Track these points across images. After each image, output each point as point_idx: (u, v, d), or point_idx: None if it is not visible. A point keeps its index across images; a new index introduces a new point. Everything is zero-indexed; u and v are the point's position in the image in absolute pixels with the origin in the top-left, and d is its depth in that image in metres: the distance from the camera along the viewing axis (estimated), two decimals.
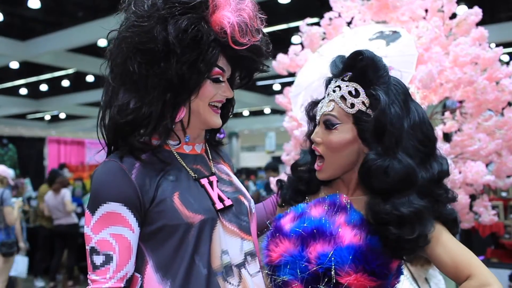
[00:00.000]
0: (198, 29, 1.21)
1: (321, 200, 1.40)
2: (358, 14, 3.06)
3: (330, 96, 1.38)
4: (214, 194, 1.32)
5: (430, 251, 1.30)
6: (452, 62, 2.68)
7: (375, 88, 1.31)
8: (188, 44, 1.21)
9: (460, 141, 2.72)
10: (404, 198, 1.24)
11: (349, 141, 1.34)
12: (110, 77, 1.29)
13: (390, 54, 2.66)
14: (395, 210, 1.22)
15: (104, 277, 1.18)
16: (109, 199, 1.19)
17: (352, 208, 1.35)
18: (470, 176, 2.60)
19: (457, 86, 2.67)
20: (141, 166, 1.24)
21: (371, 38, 2.81)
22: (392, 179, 1.24)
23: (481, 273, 1.24)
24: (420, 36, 2.71)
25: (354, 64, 1.35)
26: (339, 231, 1.29)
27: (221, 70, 1.31)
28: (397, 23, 2.90)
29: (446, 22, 2.84)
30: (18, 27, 10.22)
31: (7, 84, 14.17)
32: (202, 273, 1.22)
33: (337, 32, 3.14)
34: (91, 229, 1.20)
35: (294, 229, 1.34)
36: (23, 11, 9.39)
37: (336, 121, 1.34)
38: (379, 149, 1.28)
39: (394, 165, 1.25)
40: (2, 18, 9.26)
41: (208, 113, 1.32)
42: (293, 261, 1.30)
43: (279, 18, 9.05)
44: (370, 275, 1.23)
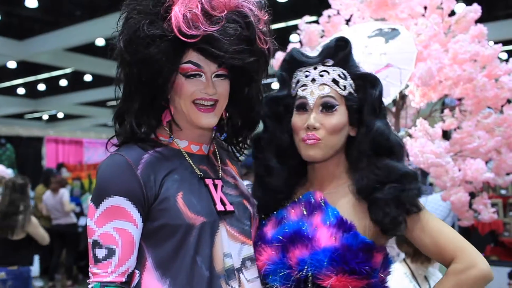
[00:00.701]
0: (151, 27, 1.21)
1: (298, 202, 1.41)
2: (357, 12, 3.06)
3: (318, 80, 1.38)
4: (217, 197, 1.31)
5: (412, 233, 1.32)
6: (451, 60, 2.67)
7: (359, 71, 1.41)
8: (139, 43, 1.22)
9: (459, 139, 2.72)
10: (402, 162, 1.37)
11: (345, 123, 1.38)
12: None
13: (389, 51, 2.67)
14: (404, 168, 1.34)
15: (106, 271, 1.18)
16: (114, 193, 1.19)
17: (327, 205, 1.35)
18: (469, 174, 2.59)
19: (456, 84, 2.66)
20: (148, 162, 1.24)
21: (370, 35, 2.81)
22: (396, 144, 1.37)
23: (465, 253, 1.25)
24: (419, 33, 2.70)
25: (336, 51, 1.40)
26: (315, 233, 1.29)
27: (195, 65, 1.26)
28: (396, 21, 2.89)
29: (445, 20, 2.83)
30: (16, 26, 10.17)
31: (4, 83, 14.12)
32: (204, 275, 1.22)
33: (335, 29, 3.13)
34: (95, 222, 1.20)
35: (275, 236, 1.35)
36: (20, 10, 9.34)
37: (335, 102, 1.37)
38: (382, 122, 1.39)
39: (393, 136, 1.39)
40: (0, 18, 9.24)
41: (192, 112, 1.28)
42: (275, 269, 1.31)
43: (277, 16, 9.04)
44: (351, 274, 1.23)
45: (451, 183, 2.57)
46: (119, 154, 1.24)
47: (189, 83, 1.27)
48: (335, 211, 1.33)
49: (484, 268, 1.22)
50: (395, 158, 1.36)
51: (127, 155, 1.23)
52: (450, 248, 1.26)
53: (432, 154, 2.46)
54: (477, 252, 1.26)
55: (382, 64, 2.63)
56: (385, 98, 2.58)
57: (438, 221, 1.32)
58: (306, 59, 1.42)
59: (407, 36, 2.69)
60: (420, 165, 2.51)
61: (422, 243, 1.31)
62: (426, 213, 1.33)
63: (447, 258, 1.27)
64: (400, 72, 2.58)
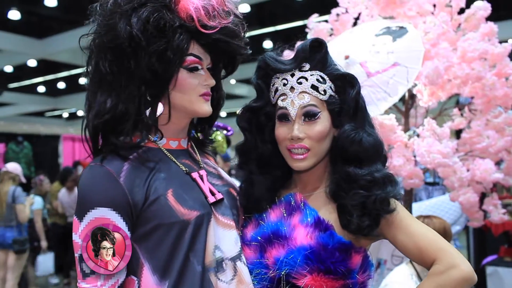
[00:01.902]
0: (161, 17, 1.19)
1: (278, 203, 1.40)
2: (365, 10, 3.03)
3: (297, 89, 1.34)
4: (206, 188, 1.30)
5: (393, 236, 1.30)
6: (460, 58, 2.62)
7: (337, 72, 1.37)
8: (152, 33, 1.19)
9: (468, 138, 2.68)
10: (373, 166, 1.32)
11: (329, 128, 1.36)
12: (88, 82, 1.29)
13: (396, 49, 2.63)
14: (368, 174, 1.29)
15: (95, 284, 1.14)
16: (97, 204, 1.15)
17: (306, 206, 1.34)
18: (478, 174, 2.55)
19: (465, 82, 2.62)
20: (130, 168, 1.21)
21: (377, 33, 2.78)
22: (365, 149, 1.32)
23: (446, 255, 1.22)
24: (427, 31, 2.66)
25: (312, 54, 1.36)
26: (292, 232, 1.28)
27: (197, 58, 1.27)
28: (404, 19, 2.85)
29: (454, 17, 2.79)
30: (36, 25, 10.33)
31: (25, 82, 14.35)
32: (196, 270, 1.20)
33: (344, 28, 3.11)
34: (79, 236, 1.16)
35: (253, 237, 1.34)
36: (40, 9, 9.48)
37: (317, 110, 1.34)
38: (352, 124, 1.34)
39: (367, 137, 1.33)
40: (20, 17, 9.38)
41: (197, 103, 1.29)
42: (253, 269, 1.30)
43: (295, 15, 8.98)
44: (326, 273, 1.22)
45: (459, 184, 2.53)
46: (99, 164, 1.20)
47: (191, 76, 1.27)
48: (313, 212, 1.32)
49: (465, 269, 1.19)
50: (365, 163, 1.32)
51: (107, 164, 1.19)
52: (431, 249, 1.23)
53: (439, 154, 2.42)
54: (458, 254, 1.23)
55: (389, 62, 2.59)
56: (393, 97, 2.57)
57: (418, 223, 1.30)
58: (281, 66, 1.36)
59: (415, 35, 2.65)
60: (427, 165, 2.48)
61: (403, 245, 1.29)
62: (405, 215, 1.31)
63: (428, 260, 1.24)
64: (407, 70, 2.54)
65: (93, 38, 1.25)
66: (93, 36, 1.25)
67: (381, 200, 1.27)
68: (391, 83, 2.53)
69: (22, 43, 10.69)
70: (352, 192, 1.28)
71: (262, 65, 1.40)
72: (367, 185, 1.28)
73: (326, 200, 1.36)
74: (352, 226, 1.27)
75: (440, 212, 3.86)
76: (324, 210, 1.33)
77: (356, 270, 1.29)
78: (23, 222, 5.46)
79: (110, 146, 1.23)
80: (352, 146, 1.32)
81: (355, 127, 1.34)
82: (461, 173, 2.49)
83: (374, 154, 1.34)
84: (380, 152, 1.37)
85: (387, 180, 1.31)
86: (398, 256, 3.15)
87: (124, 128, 1.23)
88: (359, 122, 1.35)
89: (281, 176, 1.45)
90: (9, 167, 5.73)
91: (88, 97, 1.28)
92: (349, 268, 1.25)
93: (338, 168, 1.35)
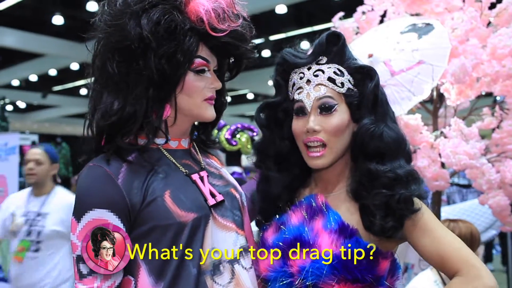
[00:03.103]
0: (171, 19, 1.18)
1: (299, 205, 1.35)
2: (391, 7, 2.94)
3: (313, 81, 1.32)
4: (206, 189, 1.28)
5: (414, 240, 1.24)
6: (490, 55, 2.51)
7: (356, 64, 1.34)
8: (162, 36, 1.17)
9: (499, 139, 2.56)
10: (396, 162, 1.27)
11: (347, 122, 1.32)
12: (94, 81, 1.27)
13: (421, 47, 2.55)
14: (391, 171, 1.24)
15: (92, 286, 1.14)
16: (95, 205, 1.15)
17: (329, 210, 1.30)
18: (509, 176, 2.42)
19: (495, 80, 2.50)
20: (128, 169, 1.20)
21: (402, 31, 2.69)
22: (386, 143, 1.28)
23: (470, 266, 1.16)
24: (455, 28, 2.56)
25: (328, 47, 1.34)
26: (317, 239, 1.24)
27: (205, 61, 1.26)
28: (432, 15, 2.76)
29: (485, 13, 2.67)
30: (78, 29, 10.63)
31: (68, 85, 14.82)
32: (192, 273, 1.19)
33: (370, 26, 3.03)
34: (77, 237, 1.16)
35: (275, 242, 1.30)
36: (82, 13, 9.76)
37: (334, 102, 1.30)
38: (372, 117, 1.31)
39: (388, 131, 1.29)
40: (63, 22, 9.68)
41: (202, 107, 1.29)
42: (276, 277, 1.26)
43: (333, 15, 8.89)
44: (354, 282, 1.18)
45: (487, 186, 2.42)
46: (97, 165, 1.20)
47: (198, 79, 1.26)
48: (336, 215, 1.27)
49: (489, 283, 1.13)
50: (387, 159, 1.27)
51: (106, 165, 1.19)
52: (455, 259, 1.17)
53: (466, 155, 2.32)
54: (483, 265, 1.16)
55: (414, 60, 2.51)
56: (417, 96, 2.49)
57: (443, 228, 1.24)
58: (298, 60, 1.36)
59: (441, 31, 2.55)
60: (453, 166, 2.38)
61: (425, 250, 1.23)
62: (430, 218, 1.25)
63: (451, 269, 1.18)
64: (433, 68, 2.45)
65: (99, 37, 1.23)
66: (100, 35, 1.23)
67: (405, 200, 1.22)
68: (415, 82, 2.44)
69: (66, 47, 11.05)
70: (374, 192, 1.24)
71: (280, 61, 1.39)
72: (390, 183, 1.23)
73: (347, 200, 1.32)
74: (375, 228, 1.23)
75: (475, 216, 3.71)
76: (345, 211, 1.29)
77: (385, 276, 1.24)
78: None
79: (113, 147, 1.23)
80: (372, 141, 1.28)
81: (375, 120, 1.30)
82: (490, 175, 2.37)
83: (397, 149, 1.29)
84: (403, 147, 1.32)
85: (411, 178, 1.26)
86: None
87: (130, 130, 1.22)
88: (380, 116, 1.31)
89: (299, 174, 1.42)
90: None
91: (93, 96, 1.27)
92: (377, 275, 1.21)
93: (359, 165, 1.31)
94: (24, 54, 11.58)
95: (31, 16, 10.13)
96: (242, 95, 16.90)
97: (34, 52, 11.39)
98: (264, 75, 13.04)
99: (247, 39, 1.31)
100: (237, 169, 3.65)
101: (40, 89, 15.37)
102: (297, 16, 10.06)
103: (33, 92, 15.72)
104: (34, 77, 14.07)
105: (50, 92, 15.83)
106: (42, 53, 11.74)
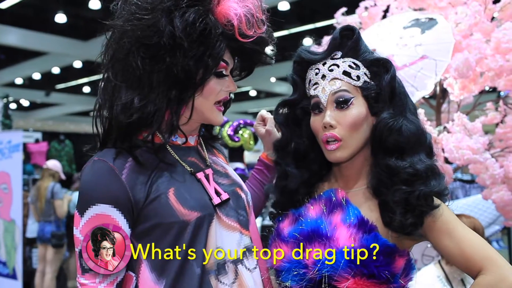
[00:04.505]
0: (206, 22, 1.16)
1: (318, 198, 1.34)
2: (394, 2, 2.94)
3: (328, 76, 1.31)
4: (211, 188, 1.27)
5: (436, 240, 1.23)
6: (493, 50, 2.49)
7: (371, 57, 1.31)
8: (195, 38, 1.15)
9: (503, 134, 2.54)
10: (416, 156, 1.25)
11: (365, 115, 1.30)
12: (111, 74, 1.22)
13: (425, 42, 2.54)
14: (410, 166, 1.22)
15: (94, 281, 1.13)
16: (99, 200, 1.14)
17: (349, 204, 1.28)
18: None
19: (498, 75, 2.48)
20: (133, 165, 1.18)
21: (406, 26, 2.69)
22: (406, 137, 1.25)
23: (495, 265, 1.14)
24: (458, 22, 2.54)
25: (343, 42, 1.32)
26: (334, 232, 1.22)
27: (226, 63, 1.26)
28: (435, 10, 2.74)
29: (489, 7, 2.65)
30: (80, 28, 10.65)
31: (71, 82, 14.84)
32: (195, 273, 1.18)
33: (373, 21, 3.03)
34: (80, 231, 1.15)
35: (291, 233, 1.29)
36: (84, 12, 9.77)
37: (350, 96, 1.28)
38: (391, 110, 1.28)
39: (407, 125, 1.26)
40: (66, 20, 9.69)
41: (213, 112, 1.29)
42: (291, 267, 1.25)
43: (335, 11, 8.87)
44: (370, 278, 1.16)
45: (491, 181, 2.41)
46: (102, 159, 1.17)
47: (217, 82, 1.25)
48: (356, 210, 1.26)
49: None
50: (407, 153, 1.25)
51: (110, 160, 1.17)
52: (478, 257, 1.16)
53: (469, 150, 2.31)
54: (507, 263, 1.15)
55: (417, 55, 2.50)
56: (420, 91, 2.48)
57: (464, 227, 1.22)
58: (314, 56, 1.35)
59: (444, 26, 2.54)
60: (456, 161, 2.37)
61: (447, 249, 1.22)
62: (450, 217, 1.24)
63: (474, 268, 1.17)
64: (436, 63, 2.44)
65: (120, 27, 1.18)
66: (124, 26, 1.17)
67: (425, 196, 1.21)
68: (418, 77, 2.43)
69: (68, 45, 11.05)
70: (394, 188, 1.22)
71: (297, 59, 1.39)
72: (409, 179, 1.22)
73: (367, 197, 1.31)
74: (394, 224, 1.22)
75: (478, 211, 3.70)
76: (365, 208, 1.28)
77: (399, 274, 1.23)
78: (61, 217, 5.64)
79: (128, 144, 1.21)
80: (391, 135, 1.25)
81: (394, 114, 1.28)
82: (493, 170, 2.36)
83: (417, 143, 1.26)
84: (423, 141, 1.29)
85: (430, 173, 1.24)
86: (428, 255, 3.04)
87: (152, 129, 1.20)
88: (398, 109, 1.29)
89: (318, 170, 1.42)
90: (50, 164, 5.93)
91: (107, 88, 1.23)
92: (393, 272, 1.19)
93: (378, 160, 1.29)
94: (27, 52, 11.58)
95: (34, 14, 10.13)
96: (245, 92, 16.90)
97: (37, 50, 11.39)
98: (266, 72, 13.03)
99: (269, 46, 1.32)
100: (240, 165, 3.65)
101: (43, 87, 15.39)
102: (300, 12, 10.04)
103: (36, 90, 15.74)
104: (37, 75, 14.09)
105: (53, 90, 15.85)
106: (45, 51, 11.74)
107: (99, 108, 1.26)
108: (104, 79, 1.25)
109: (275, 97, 15.33)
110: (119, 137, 1.22)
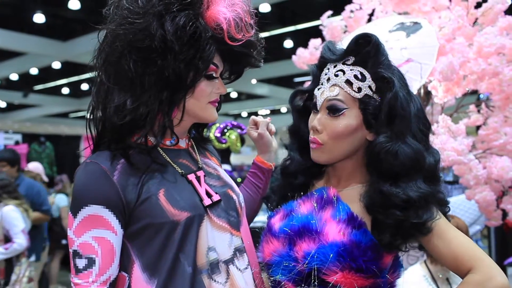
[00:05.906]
0: (196, 26, 1.19)
1: (310, 196, 1.37)
2: (379, 6, 2.98)
3: (331, 80, 1.31)
4: (202, 189, 1.30)
5: (426, 241, 1.25)
6: (476, 53, 2.56)
7: (381, 72, 1.27)
8: (186, 41, 1.18)
9: (485, 135, 2.61)
10: (411, 182, 1.22)
11: (354, 128, 1.29)
12: (104, 77, 1.25)
13: (410, 45, 2.59)
14: (403, 194, 1.20)
15: (87, 280, 1.16)
16: (91, 201, 1.17)
17: (339, 201, 1.30)
18: (495, 172, 2.48)
19: (481, 78, 2.55)
20: (125, 166, 1.21)
21: (391, 29, 2.73)
22: (401, 162, 1.22)
23: (483, 265, 1.17)
24: (442, 26, 2.60)
25: (358, 48, 1.30)
26: (324, 227, 1.25)
27: (215, 66, 1.29)
28: (419, 14, 2.80)
29: (471, 12, 2.72)
30: (59, 28, 10.51)
31: (49, 84, 14.62)
32: (187, 272, 1.20)
33: (358, 24, 3.07)
34: (73, 232, 1.18)
35: (282, 228, 1.31)
36: (64, 12, 9.64)
37: (343, 106, 1.28)
38: (388, 133, 1.25)
39: (404, 149, 1.23)
40: (44, 20, 9.55)
41: (207, 110, 1.32)
42: (281, 261, 1.27)
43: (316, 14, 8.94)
44: (357, 272, 1.18)
45: (474, 182, 2.47)
46: (94, 161, 1.21)
47: (207, 84, 1.29)
48: (346, 207, 1.28)
49: (501, 281, 1.14)
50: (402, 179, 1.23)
51: (102, 162, 1.20)
52: (467, 257, 1.19)
53: (454, 151, 2.37)
54: (494, 264, 1.18)
55: (403, 59, 2.55)
56: None
57: (454, 229, 1.25)
58: (329, 55, 1.34)
59: (429, 30, 2.60)
60: (441, 163, 2.42)
61: (436, 249, 1.24)
62: (441, 220, 1.25)
63: (464, 268, 1.20)
64: (421, 67, 2.49)
65: (113, 30, 1.21)
66: (116, 30, 1.20)
67: (417, 226, 1.21)
68: None
69: (47, 46, 10.88)
70: (388, 212, 1.22)
71: (321, 53, 1.40)
72: (402, 205, 1.20)
73: (359, 197, 1.31)
74: (384, 241, 1.23)
75: (460, 212, 3.77)
76: (356, 207, 1.29)
77: (387, 270, 1.26)
78: None
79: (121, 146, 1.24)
80: (386, 160, 1.23)
81: (391, 137, 1.24)
82: (477, 171, 2.43)
83: (413, 168, 1.23)
84: (421, 166, 1.24)
85: (425, 201, 1.22)
86: (413, 255, 3.09)
87: (143, 130, 1.23)
88: (398, 131, 1.24)
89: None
90: (31, 167, 5.86)
91: (99, 90, 1.26)
92: (380, 267, 1.22)
93: (372, 183, 1.27)
94: (5, 52, 11.37)
95: (12, 14, 9.97)
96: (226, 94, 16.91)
97: (15, 50, 11.20)
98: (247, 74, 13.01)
99: (257, 49, 1.35)
100: (227, 167, 3.65)
101: (21, 88, 15.14)
102: (281, 14, 10.08)
103: (14, 91, 15.48)
104: (15, 76, 13.84)
105: (31, 91, 15.61)
106: (23, 52, 11.56)
107: (92, 111, 1.28)
108: (97, 82, 1.27)
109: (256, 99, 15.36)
110: (113, 139, 1.25)
